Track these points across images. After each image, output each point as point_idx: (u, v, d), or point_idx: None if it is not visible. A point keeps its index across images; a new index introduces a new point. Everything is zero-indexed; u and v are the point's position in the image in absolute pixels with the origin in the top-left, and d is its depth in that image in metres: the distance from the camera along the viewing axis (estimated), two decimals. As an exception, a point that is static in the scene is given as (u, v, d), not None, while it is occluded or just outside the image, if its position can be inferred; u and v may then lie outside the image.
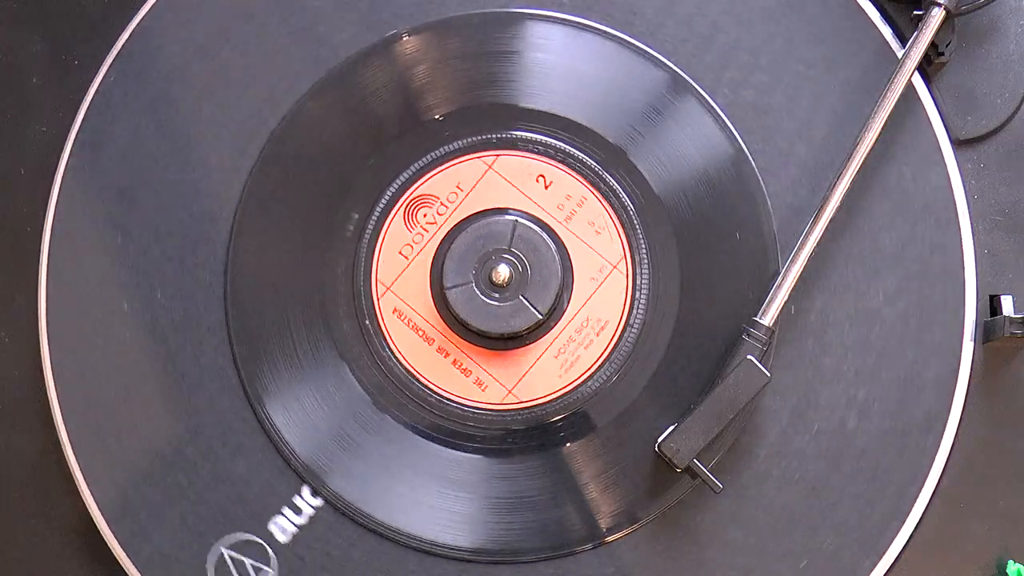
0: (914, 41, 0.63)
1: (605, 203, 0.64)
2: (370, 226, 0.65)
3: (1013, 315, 0.62)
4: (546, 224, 0.64)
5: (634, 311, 0.64)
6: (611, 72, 0.66)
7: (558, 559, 0.63)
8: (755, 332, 0.61)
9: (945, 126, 0.65)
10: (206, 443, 0.64)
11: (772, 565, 0.63)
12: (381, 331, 0.64)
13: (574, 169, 0.65)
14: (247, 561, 0.63)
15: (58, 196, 0.66)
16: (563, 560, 0.63)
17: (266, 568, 0.63)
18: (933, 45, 0.64)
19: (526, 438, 0.63)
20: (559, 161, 0.65)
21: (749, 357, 0.60)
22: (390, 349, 0.64)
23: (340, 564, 0.63)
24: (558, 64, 0.66)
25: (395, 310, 0.64)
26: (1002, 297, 0.64)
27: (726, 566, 0.63)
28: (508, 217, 0.64)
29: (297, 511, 0.63)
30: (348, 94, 0.66)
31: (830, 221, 0.62)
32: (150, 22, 0.67)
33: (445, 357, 0.64)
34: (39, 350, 0.65)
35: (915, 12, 0.64)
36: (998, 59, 0.66)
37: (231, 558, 0.63)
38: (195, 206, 0.65)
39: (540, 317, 0.63)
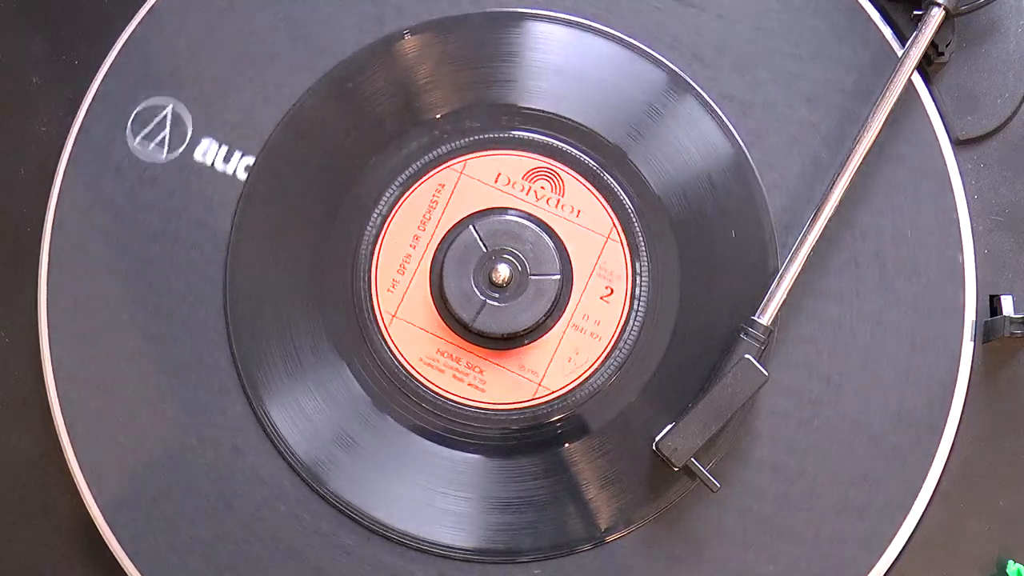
0: (913, 41, 0.63)
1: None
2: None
3: (1013, 315, 0.62)
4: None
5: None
6: (611, 72, 0.66)
7: (558, 559, 0.63)
8: (753, 331, 0.61)
9: (945, 126, 0.65)
10: (206, 443, 0.64)
11: (771, 565, 0.63)
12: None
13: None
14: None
15: (58, 196, 0.66)
16: (563, 560, 0.63)
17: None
18: (933, 45, 0.64)
19: (526, 438, 0.63)
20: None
21: (747, 356, 0.60)
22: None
23: (340, 563, 0.63)
24: (558, 64, 0.66)
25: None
26: (1002, 297, 0.64)
27: (725, 566, 0.63)
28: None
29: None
30: (348, 94, 0.66)
31: (829, 221, 0.62)
32: (150, 22, 0.67)
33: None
34: (39, 350, 0.65)
35: (915, 12, 0.64)
36: (998, 59, 0.65)
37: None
38: (195, 206, 0.66)
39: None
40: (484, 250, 0.63)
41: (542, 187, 0.65)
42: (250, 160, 0.66)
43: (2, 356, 0.66)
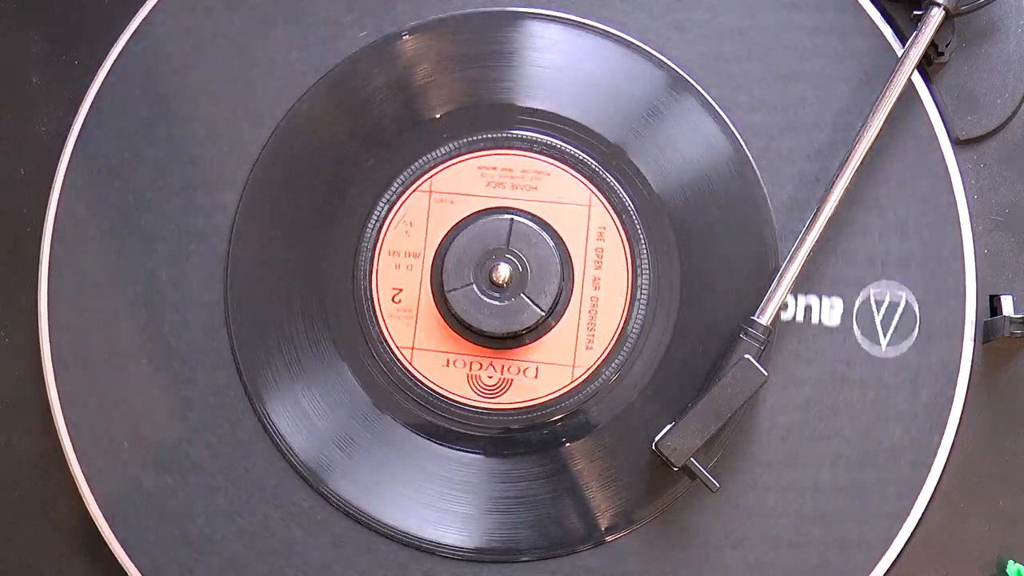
0: (913, 41, 0.63)
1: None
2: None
3: (1013, 315, 0.62)
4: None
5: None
6: (611, 72, 0.66)
7: (558, 559, 0.63)
8: (753, 331, 0.61)
9: (945, 126, 0.65)
10: (206, 443, 0.64)
11: (771, 565, 0.63)
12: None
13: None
14: None
15: (58, 196, 0.66)
16: (563, 560, 0.63)
17: None
18: (933, 45, 0.64)
19: (526, 438, 0.63)
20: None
21: (747, 356, 0.60)
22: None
23: (340, 563, 0.63)
24: (558, 64, 0.66)
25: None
26: (1002, 297, 0.64)
27: (725, 565, 0.63)
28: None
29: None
30: (348, 94, 0.66)
31: (829, 220, 0.62)
32: (150, 22, 0.67)
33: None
34: (39, 350, 0.65)
35: (915, 12, 0.64)
36: (998, 59, 0.65)
37: None
38: (195, 206, 0.66)
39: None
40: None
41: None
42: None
43: (2, 356, 0.66)
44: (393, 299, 0.64)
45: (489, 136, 0.65)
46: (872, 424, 0.63)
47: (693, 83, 0.66)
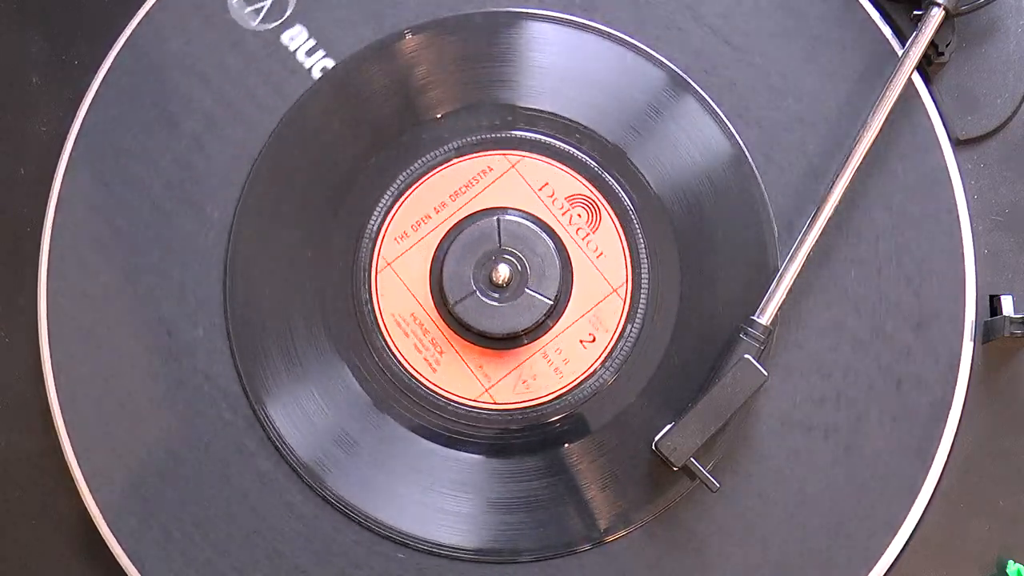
0: (913, 41, 0.63)
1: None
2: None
3: (1013, 315, 0.62)
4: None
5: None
6: (611, 72, 0.66)
7: (558, 559, 0.63)
8: (752, 331, 0.61)
9: (945, 126, 0.65)
10: (206, 443, 0.64)
11: (771, 565, 0.63)
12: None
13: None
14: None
15: (58, 196, 0.66)
16: (563, 560, 0.63)
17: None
18: (933, 45, 0.64)
19: (526, 438, 0.63)
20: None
21: (747, 356, 0.60)
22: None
23: (340, 564, 0.63)
24: (558, 64, 0.66)
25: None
26: (1002, 297, 0.64)
27: (725, 566, 0.63)
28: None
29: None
30: (348, 94, 0.66)
31: (829, 220, 0.62)
32: (150, 22, 0.67)
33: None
34: (39, 350, 0.65)
35: (915, 12, 0.64)
36: (998, 59, 0.66)
37: None
38: (195, 206, 0.66)
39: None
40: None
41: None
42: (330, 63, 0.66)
43: (2, 356, 0.66)
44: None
45: (489, 136, 0.65)
46: (872, 424, 0.63)
47: (693, 83, 0.66)
